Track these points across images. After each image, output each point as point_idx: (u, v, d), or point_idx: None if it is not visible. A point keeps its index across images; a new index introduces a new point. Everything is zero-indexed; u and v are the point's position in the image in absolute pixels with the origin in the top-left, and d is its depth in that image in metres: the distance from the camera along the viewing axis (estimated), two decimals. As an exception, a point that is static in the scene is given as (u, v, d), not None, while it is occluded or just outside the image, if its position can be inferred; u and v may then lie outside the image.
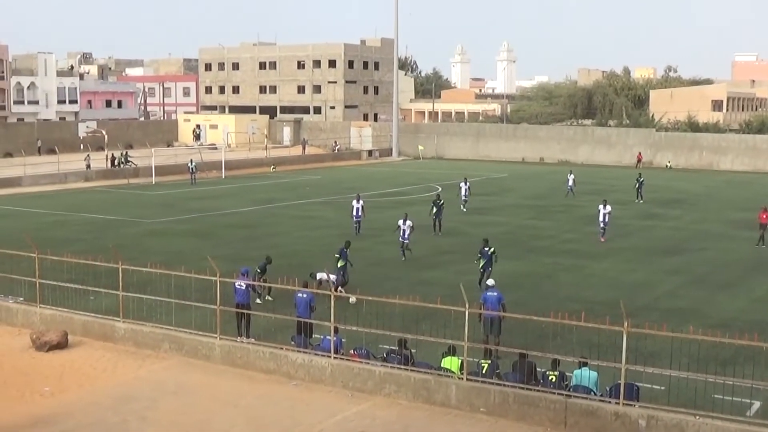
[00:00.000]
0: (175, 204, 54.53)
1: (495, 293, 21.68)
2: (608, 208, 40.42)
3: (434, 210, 42.56)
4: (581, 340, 20.05)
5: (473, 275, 31.15)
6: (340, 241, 39.78)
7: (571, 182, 59.68)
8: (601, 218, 40.29)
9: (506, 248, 38.02)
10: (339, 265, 28.72)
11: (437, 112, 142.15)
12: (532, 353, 17.71)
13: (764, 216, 39.25)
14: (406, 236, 35.21)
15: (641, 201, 55.77)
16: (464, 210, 49.89)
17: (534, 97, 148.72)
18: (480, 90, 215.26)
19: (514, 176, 73.99)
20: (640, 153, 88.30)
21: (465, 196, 50.72)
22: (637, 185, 57.31)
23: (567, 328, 18.79)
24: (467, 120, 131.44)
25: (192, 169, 68.69)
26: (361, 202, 41.77)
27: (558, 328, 19.85)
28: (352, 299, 23.22)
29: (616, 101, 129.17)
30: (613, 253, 37.21)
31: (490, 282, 22.32)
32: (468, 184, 52.15)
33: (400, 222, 35.63)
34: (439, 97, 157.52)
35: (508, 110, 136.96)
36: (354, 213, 41.50)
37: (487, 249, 29.17)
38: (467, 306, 17.56)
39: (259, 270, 25.87)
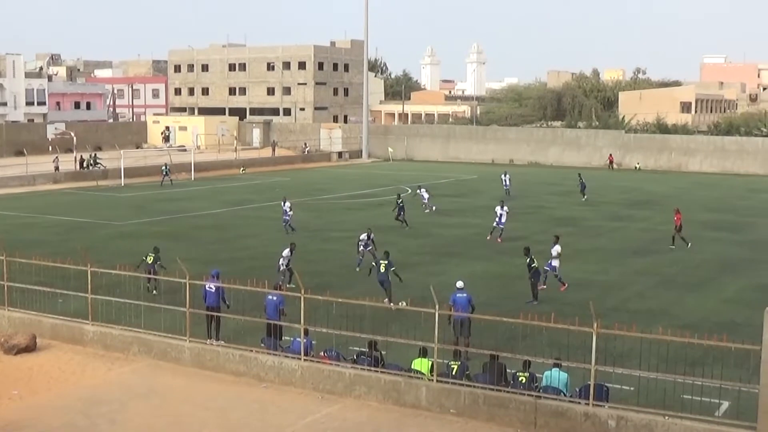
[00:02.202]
0: (145, 206, 54.18)
1: (464, 294, 21.73)
2: (505, 209, 41.25)
3: (396, 209, 45.04)
4: (551, 341, 20.14)
5: (443, 276, 31.23)
6: (310, 243, 39.86)
7: (507, 182, 61.14)
8: (497, 219, 40.87)
9: (477, 249, 38.15)
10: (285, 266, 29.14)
11: (407, 114, 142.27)
12: (503, 354, 17.75)
13: (677, 218, 39.51)
14: (368, 248, 33.78)
15: (585, 198, 57.79)
16: (428, 212, 50.22)
17: (504, 99, 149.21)
18: (450, 92, 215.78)
19: (484, 178, 74.25)
20: (611, 155, 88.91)
21: (425, 200, 51.36)
22: (579, 186, 59.01)
23: (537, 329, 18.87)
24: (437, 122, 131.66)
25: (166, 171, 68.22)
26: (288, 203, 43.10)
27: (528, 330, 19.91)
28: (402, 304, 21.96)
29: (585, 103, 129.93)
30: (583, 254, 37.40)
31: (460, 284, 22.34)
32: (424, 188, 53.38)
33: (363, 236, 34.37)
34: (409, 98, 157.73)
35: (478, 112, 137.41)
36: (283, 214, 42.74)
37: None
38: (437, 307, 17.58)
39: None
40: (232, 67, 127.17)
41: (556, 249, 30.57)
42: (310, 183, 70.51)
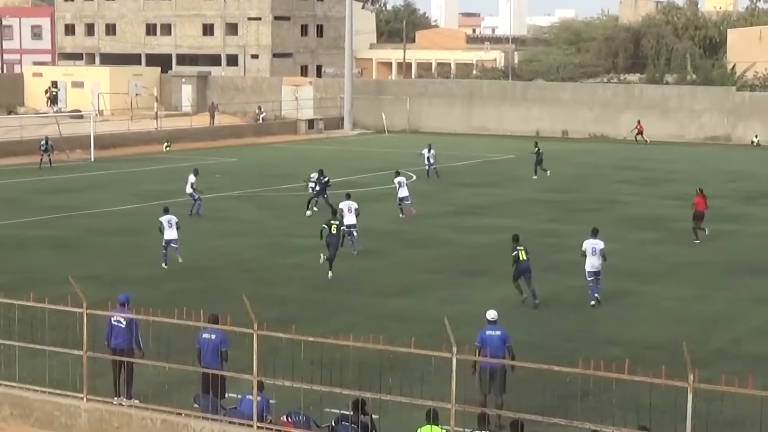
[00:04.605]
0: (21, 199, 54.10)
1: (498, 332, 21.67)
2: (432, 152, 48.05)
3: (316, 187, 48.76)
4: (626, 401, 20.12)
5: (464, 304, 31.19)
6: (266, 256, 39.77)
7: (430, 158, 62.59)
8: (425, 162, 47.39)
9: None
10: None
11: (410, 64, 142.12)
12: (553, 420, 17.75)
13: (701, 202, 41.65)
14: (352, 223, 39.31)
15: (536, 177, 62.83)
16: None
17: (554, 42, 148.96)
18: (474, 30, 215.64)
19: (524, 158, 74.25)
20: (640, 122, 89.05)
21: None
22: (535, 156, 63.54)
23: (604, 383, 18.84)
24: (455, 75, 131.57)
25: (45, 147, 68.01)
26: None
27: (591, 384, 19.90)
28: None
29: (676, 46, 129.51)
30: (673, 271, 37.44)
31: (491, 315, 22.26)
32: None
33: (342, 205, 38.86)
34: (414, 40, 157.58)
35: (516, 60, 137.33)
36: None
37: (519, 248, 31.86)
38: (455, 350, 17.57)
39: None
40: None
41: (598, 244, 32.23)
42: (266, 165, 70.41)
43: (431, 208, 50.40)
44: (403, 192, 47.74)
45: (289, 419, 19.40)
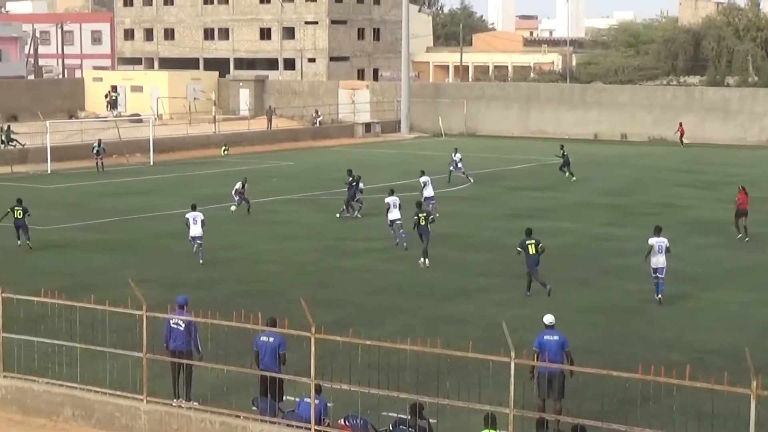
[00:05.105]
0: (83, 203, 54.61)
1: (556, 337, 21.58)
2: (459, 155, 51.84)
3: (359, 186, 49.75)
4: (686, 407, 19.98)
5: (521, 308, 31.10)
6: (322, 259, 39.89)
7: (458, 162, 62.63)
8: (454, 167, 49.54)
9: (571, 269, 37.96)
10: None
11: (467, 67, 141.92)
12: (612, 426, 17.66)
13: (744, 199, 42.55)
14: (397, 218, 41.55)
15: (574, 178, 63.44)
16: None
17: (613, 44, 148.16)
18: (531, 33, 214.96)
19: (582, 162, 73.92)
20: (681, 124, 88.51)
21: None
22: (562, 159, 64.10)
23: (665, 388, 18.72)
24: (512, 78, 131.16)
25: (98, 150, 68.44)
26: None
27: (650, 389, 19.78)
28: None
29: (737, 48, 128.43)
30: (732, 275, 37.16)
31: (549, 319, 22.17)
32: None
33: (389, 200, 41.53)
34: (470, 43, 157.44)
35: (574, 63, 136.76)
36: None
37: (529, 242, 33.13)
38: (513, 354, 17.54)
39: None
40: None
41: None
42: (322, 170, 70.49)
43: (487, 211, 50.35)
44: (428, 191, 48.76)
45: (347, 423, 19.41)
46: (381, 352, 19.84)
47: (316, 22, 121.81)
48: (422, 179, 49.52)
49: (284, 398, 21.00)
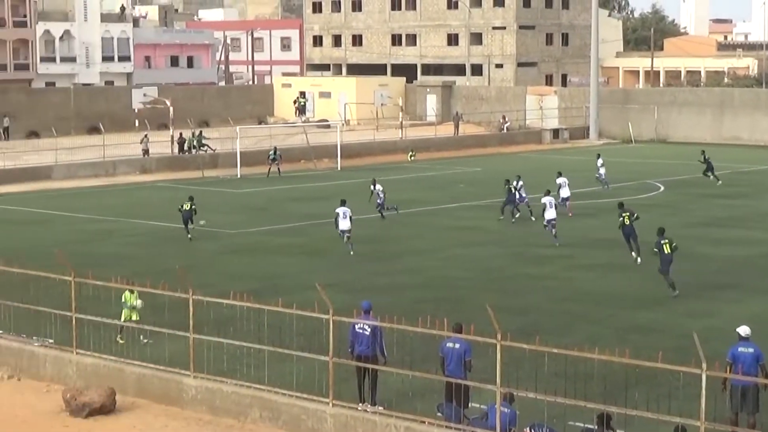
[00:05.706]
0: (270, 207, 55.58)
1: (751, 349, 21.08)
2: (600, 161, 56.42)
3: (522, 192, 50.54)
4: None
5: (712, 318, 30.52)
6: (509, 265, 39.74)
7: (599, 168, 62.49)
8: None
9: (765, 280, 37.08)
10: None
11: (658, 72, 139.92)
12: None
13: None
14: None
15: (720, 182, 63.74)
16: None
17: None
18: (726, 37, 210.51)
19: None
20: None
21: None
22: (704, 164, 64.40)
23: None
24: (705, 83, 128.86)
25: (274, 157, 69.09)
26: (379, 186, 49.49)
27: None
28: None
29: None
30: None
31: (744, 331, 21.67)
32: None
33: (545, 200, 43.91)
34: (662, 48, 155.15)
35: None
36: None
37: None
38: (704, 366, 17.22)
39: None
40: (395, 5, 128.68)
41: None
42: (510, 175, 70.15)
43: (677, 219, 49.42)
44: (565, 192, 51.46)
45: (533, 431, 19.28)
46: (568, 361, 19.67)
47: (504, 28, 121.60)
48: (559, 180, 52.05)
49: (469, 405, 20.98)
